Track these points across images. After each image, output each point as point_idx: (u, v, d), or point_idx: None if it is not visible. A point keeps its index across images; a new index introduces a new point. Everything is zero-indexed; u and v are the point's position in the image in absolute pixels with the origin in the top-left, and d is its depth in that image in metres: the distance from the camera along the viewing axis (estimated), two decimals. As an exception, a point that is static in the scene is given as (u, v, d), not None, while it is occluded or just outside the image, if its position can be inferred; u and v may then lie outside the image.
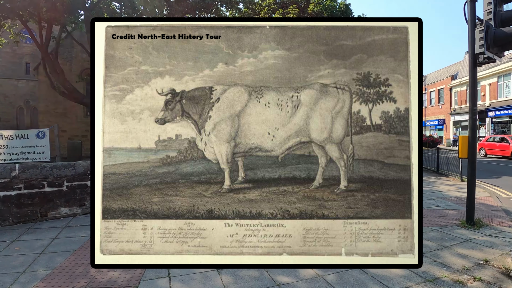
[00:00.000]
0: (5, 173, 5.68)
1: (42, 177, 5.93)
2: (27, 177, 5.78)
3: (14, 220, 5.69)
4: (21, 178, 5.74)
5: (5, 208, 5.63)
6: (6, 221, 5.66)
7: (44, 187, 5.95)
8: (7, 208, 5.65)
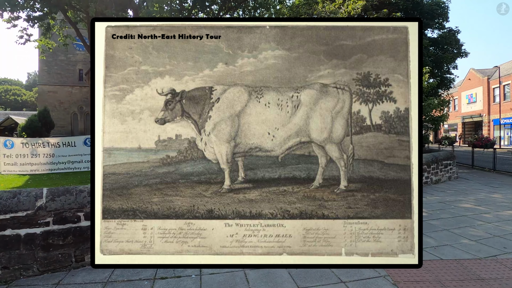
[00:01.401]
0: (28, 202, 3.80)
1: (78, 206, 4.11)
2: (58, 207, 4.01)
3: (39, 268, 3.89)
4: (50, 209, 3.96)
5: (27, 252, 3.82)
6: (29, 270, 3.85)
7: (80, 220, 4.12)
8: (31, 252, 3.84)
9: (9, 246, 3.77)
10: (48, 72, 31.46)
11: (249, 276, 3.82)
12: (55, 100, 31.58)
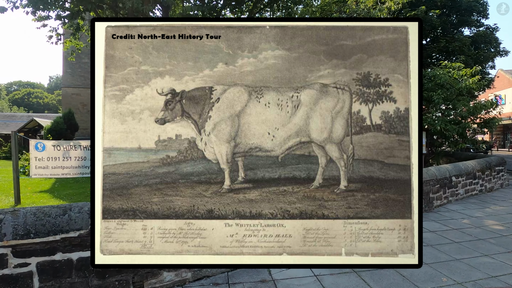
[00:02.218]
0: (81, 220, 3.10)
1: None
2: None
3: (94, 298, 3.26)
4: (105, 227, 3.28)
5: (80, 280, 3.18)
6: (82, 300, 3.23)
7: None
8: (84, 280, 3.20)
9: (60, 273, 3.12)
10: (72, 75, 31.26)
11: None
12: (78, 102, 31.38)
